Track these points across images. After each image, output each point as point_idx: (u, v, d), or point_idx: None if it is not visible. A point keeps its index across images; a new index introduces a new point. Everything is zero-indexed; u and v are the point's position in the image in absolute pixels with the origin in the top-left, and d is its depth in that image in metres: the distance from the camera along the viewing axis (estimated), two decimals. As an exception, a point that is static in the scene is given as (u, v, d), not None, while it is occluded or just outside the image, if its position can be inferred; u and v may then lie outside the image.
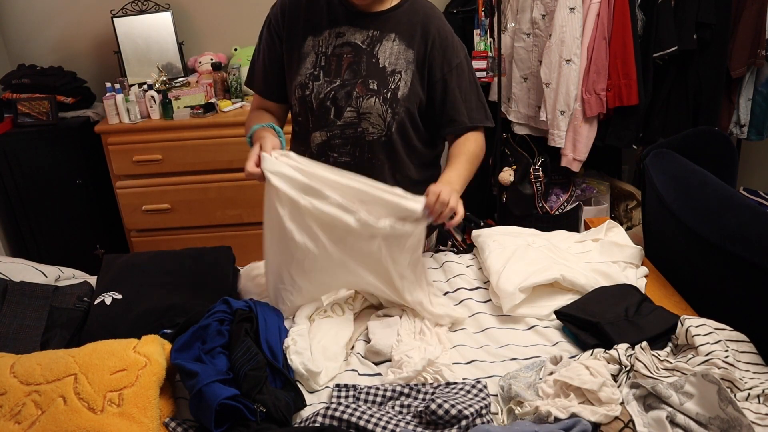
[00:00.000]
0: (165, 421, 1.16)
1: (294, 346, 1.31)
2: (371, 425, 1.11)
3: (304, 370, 1.26)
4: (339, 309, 1.47)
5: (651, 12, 2.57)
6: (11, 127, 2.93)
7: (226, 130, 2.85)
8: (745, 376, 1.22)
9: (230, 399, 1.11)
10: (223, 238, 2.95)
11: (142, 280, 1.51)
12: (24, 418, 1.09)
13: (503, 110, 2.95)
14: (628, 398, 1.15)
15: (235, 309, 1.32)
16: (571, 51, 2.56)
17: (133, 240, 3.04)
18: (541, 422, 1.10)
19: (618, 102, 2.61)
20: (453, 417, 1.10)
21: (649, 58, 2.61)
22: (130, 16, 3.06)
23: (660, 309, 1.42)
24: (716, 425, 1.06)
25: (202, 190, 2.92)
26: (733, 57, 2.67)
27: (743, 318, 1.36)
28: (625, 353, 1.22)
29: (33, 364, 1.16)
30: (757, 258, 1.30)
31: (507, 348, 1.39)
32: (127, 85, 2.95)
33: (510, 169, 2.91)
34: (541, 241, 1.69)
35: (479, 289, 1.60)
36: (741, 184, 3.16)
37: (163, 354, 1.21)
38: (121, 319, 1.40)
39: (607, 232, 1.76)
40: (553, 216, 2.87)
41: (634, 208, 3.04)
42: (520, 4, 2.74)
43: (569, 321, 1.41)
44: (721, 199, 1.46)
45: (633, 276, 1.60)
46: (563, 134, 2.70)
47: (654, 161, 1.71)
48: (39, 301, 1.44)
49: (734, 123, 2.82)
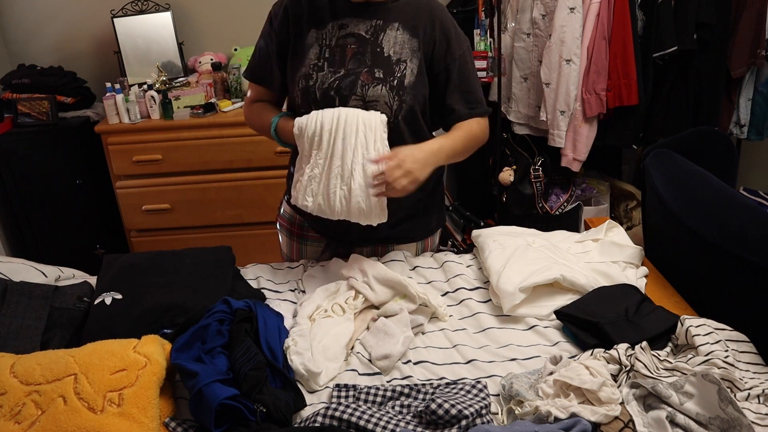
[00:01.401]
0: (165, 421, 1.16)
1: (294, 347, 1.31)
2: (371, 425, 1.11)
3: (305, 371, 1.26)
4: (339, 309, 1.47)
5: (651, 12, 2.57)
6: (11, 127, 2.93)
7: (226, 130, 2.85)
8: (745, 376, 1.22)
9: (230, 399, 1.11)
10: (223, 238, 2.95)
11: (142, 280, 1.51)
12: (24, 418, 1.09)
13: (503, 110, 2.95)
14: (628, 398, 1.15)
15: (235, 309, 1.32)
16: (571, 51, 2.56)
17: (133, 240, 3.04)
18: (541, 422, 1.10)
19: (618, 102, 2.61)
20: (453, 417, 1.10)
21: (649, 58, 2.61)
22: (130, 16, 3.07)
23: (660, 309, 1.42)
24: (716, 425, 1.06)
25: (202, 190, 2.92)
26: (733, 57, 2.67)
27: (743, 318, 1.36)
28: (625, 353, 1.22)
29: (33, 364, 1.16)
30: (757, 258, 1.30)
31: (507, 348, 1.39)
32: (127, 85, 2.95)
33: (510, 169, 2.91)
34: (541, 241, 1.69)
35: (479, 289, 1.60)
36: (741, 184, 3.16)
37: (163, 354, 1.21)
38: (121, 319, 1.40)
39: (607, 232, 1.76)
40: (553, 216, 2.87)
41: (634, 208, 3.04)
42: (520, 4, 2.74)
43: (569, 321, 1.41)
44: (721, 199, 1.46)
45: (633, 276, 1.60)
46: (563, 134, 2.70)
47: (654, 161, 1.71)
48: (39, 301, 1.44)
49: (734, 123, 2.82)
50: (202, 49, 3.20)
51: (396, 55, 1.51)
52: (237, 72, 3.01)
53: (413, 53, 1.52)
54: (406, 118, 1.53)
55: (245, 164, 2.89)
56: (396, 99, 1.50)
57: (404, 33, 1.52)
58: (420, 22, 1.53)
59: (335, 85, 1.51)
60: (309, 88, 1.52)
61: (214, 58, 3.08)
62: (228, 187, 2.91)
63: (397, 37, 1.52)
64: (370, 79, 1.50)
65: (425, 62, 1.53)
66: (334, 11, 1.54)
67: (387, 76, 1.50)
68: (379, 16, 1.53)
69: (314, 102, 1.53)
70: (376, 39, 1.51)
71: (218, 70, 3.04)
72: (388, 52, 1.51)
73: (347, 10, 1.53)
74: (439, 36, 1.54)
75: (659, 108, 2.73)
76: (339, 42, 1.52)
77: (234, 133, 2.84)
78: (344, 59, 1.52)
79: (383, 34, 1.52)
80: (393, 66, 1.51)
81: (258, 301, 1.42)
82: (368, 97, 1.50)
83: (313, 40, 1.54)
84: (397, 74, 1.51)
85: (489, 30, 2.86)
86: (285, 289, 1.62)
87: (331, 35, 1.53)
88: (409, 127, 1.55)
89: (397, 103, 1.51)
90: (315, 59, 1.53)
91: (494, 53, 2.83)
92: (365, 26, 1.52)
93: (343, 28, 1.53)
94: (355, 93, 1.50)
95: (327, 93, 1.51)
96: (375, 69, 1.50)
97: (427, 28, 1.53)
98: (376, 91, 1.49)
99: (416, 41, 1.52)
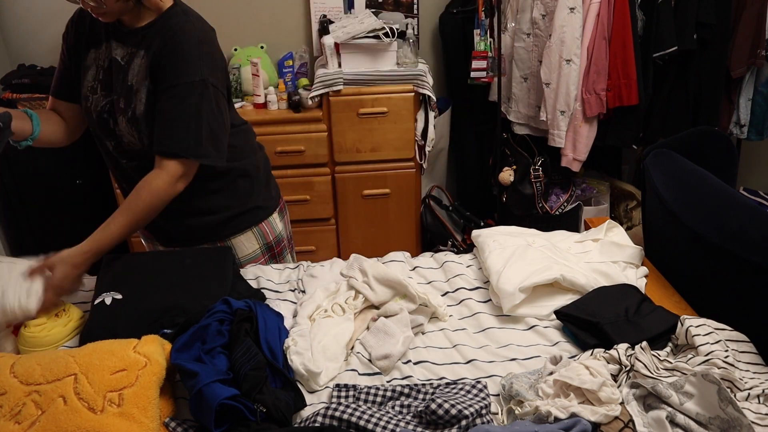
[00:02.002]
0: (165, 421, 1.16)
1: (294, 347, 1.31)
2: (371, 425, 1.11)
3: (305, 371, 1.26)
4: (339, 309, 1.47)
5: (651, 12, 2.57)
6: (11, 127, 2.93)
7: (226, 130, 2.84)
8: (745, 376, 1.22)
9: (230, 399, 1.11)
10: (223, 238, 2.94)
11: (142, 280, 1.51)
12: (24, 418, 1.09)
13: (503, 110, 2.95)
14: (628, 398, 1.15)
15: (235, 309, 1.32)
16: (571, 51, 2.56)
17: (133, 240, 3.03)
18: (541, 422, 1.10)
19: (618, 102, 2.62)
20: (453, 417, 1.10)
21: (649, 58, 2.61)
22: (130, 16, 3.06)
23: (660, 309, 1.42)
24: (716, 425, 1.06)
25: (202, 190, 2.91)
26: (733, 57, 2.67)
27: (743, 318, 1.36)
28: (625, 353, 1.22)
29: (33, 364, 1.16)
30: (757, 258, 1.30)
31: (507, 348, 1.39)
32: (127, 85, 2.95)
33: (510, 169, 2.91)
34: (541, 241, 1.69)
35: (479, 289, 1.60)
36: (741, 184, 3.17)
37: (163, 354, 1.21)
38: (121, 319, 1.39)
39: (607, 232, 1.76)
40: (553, 216, 2.87)
41: (634, 208, 3.04)
42: (520, 4, 2.74)
43: (569, 321, 1.41)
44: (721, 199, 1.46)
45: (633, 276, 1.60)
46: (563, 134, 2.70)
47: (654, 161, 1.71)
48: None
49: (734, 123, 2.82)
50: (202, 49, 3.20)
51: (136, 84, 1.47)
52: (237, 72, 3.01)
53: (144, 80, 1.46)
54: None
55: (245, 164, 2.88)
56: (134, 130, 1.49)
57: (145, 59, 1.46)
58: (155, 47, 1.45)
59: (107, 108, 1.52)
60: (88, 108, 1.55)
61: (214, 58, 3.08)
62: (228, 187, 2.91)
63: (142, 65, 1.46)
64: (118, 109, 1.50)
65: (152, 91, 1.46)
66: (107, 32, 1.53)
67: (126, 107, 1.48)
68: (133, 42, 1.49)
69: (94, 124, 1.57)
70: (129, 66, 1.48)
71: (218, 70, 3.04)
72: (131, 81, 1.47)
73: (114, 32, 1.52)
74: (164, 59, 1.43)
75: (659, 108, 2.73)
76: (108, 65, 1.52)
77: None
78: (110, 84, 1.52)
79: (133, 62, 1.48)
80: (132, 95, 1.47)
81: (258, 301, 1.42)
82: (119, 130, 1.51)
83: (92, 61, 1.54)
84: (132, 105, 1.48)
85: (489, 30, 2.86)
86: (285, 289, 1.62)
87: (105, 56, 1.52)
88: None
89: (136, 133, 1.49)
90: (92, 80, 1.54)
91: (494, 53, 2.83)
92: (123, 52, 1.50)
93: (112, 50, 1.51)
94: (121, 116, 1.51)
95: (101, 116, 1.54)
96: (121, 98, 1.49)
97: (156, 51, 1.44)
98: (121, 123, 1.50)
99: (147, 64, 1.46)
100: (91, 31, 1.54)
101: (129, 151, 1.57)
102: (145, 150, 1.52)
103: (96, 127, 1.58)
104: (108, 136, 1.58)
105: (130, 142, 1.54)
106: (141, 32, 1.49)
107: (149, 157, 1.50)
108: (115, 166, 1.66)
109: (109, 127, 1.54)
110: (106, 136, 1.58)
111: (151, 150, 1.49)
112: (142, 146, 1.51)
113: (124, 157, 1.60)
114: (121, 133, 1.53)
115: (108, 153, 1.63)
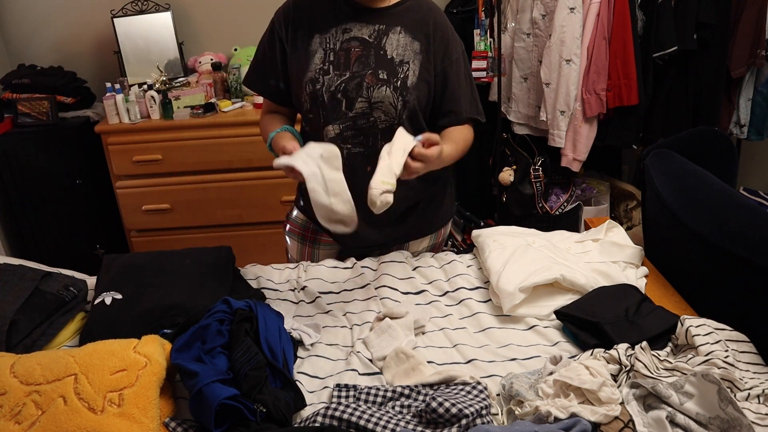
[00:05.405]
0: (165, 421, 1.16)
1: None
2: (371, 425, 1.11)
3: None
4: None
5: (651, 12, 2.57)
6: (11, 127, 2.93)
7: (226, 130, 2.85)
8: (745, 376, 1.22)
9: (230, 399, 1.11)
10: (223, 238, 2.95)
11: (142, 280, 1.51)
12: (24, 418, 1.09)
13: (503, 110, 2.95)
14: (628, 398, 1.15)
15: (235, 309, 1.32)
16: (571, 51, 2.57)
17: (133, 240, 3.04)
18: (541, 422, 1.10)
19: (618, 102, 2.62)
20: (453, 416, 1.10)
21: (649, 58, 2.61)
22: (130, 16, 3.07)
23: (660, 309, 1.42)
24: (716, 425, 1.06)
25: (202, 190, 2.92)
26: (733, 57, 2.67)
27: (743, 318, 1.36)
28: (625, 353, 1.22)
29: (33, 364, 1.16)
30: (757, 258, 1.30)
31: (507, 348, 1.39)
32: (127, 85, 2.95)
33: (510, 169, 2.91)
34: (541, 241, 1.69)
35: (479, 289, 1.60)
36: (741, 184, 3.17)
37: (163, 354, 1.21)
38: (121, 319, 1.40)
39: (607, 232, 1.76)
40: (553, 216, 2.87)
41: (634, 208, 3.04)
42: (520, 4, 2.74)
43: (569, 321, 1.41)
44: (721, 199, 1.46)
45: (633, 276, 1.60)
46: (563, 134, 2.70)
47: (654, 161, 1.71)
48: (27, 282, 1.46)
49: (734, 123, 2.82)
50: (202, 49, 3.20)
51: (399, 57, 1.55)
52: (237, 72, 3.01)
53: (415, 55, 1.55)
54: (410, 117, 1.56)
55: (245, 164, 2.89)
56: (400, 99, 1.54)
57: (406, 36, 1.56)
58: (420, 25, 1.57)
59: (341, 87, 1.54)
60: (316, 92, 1.55)
61: (214, 58, 3.08)
62: (228, 187, 2.91)
63: (400, 40, 1.55)
64: (375, 80, 1.53)
65: (427, 64, 1.56)
66: (337, 17, 1.57)
67: (391, 78, 1.53)
68: (382, 20, 1.56)
69: (322, 105, 1.56)
70: (380, 42, 1.55)
71: (218, 70, 3.04)
72: (392, 55, 1.55)
73: (350, 15, 1.56)
74: (438, 39, 1.57)
75: (659, 108, 2.73)
76: (343, 46, 1.55)
77: (234, 133, 2.84)
78: (349, 62, 1.54)
79: (386, 37, 1.55)
80: (396, 67, 1.54)
81: (258, 301, 1.42)
82: (374, 98, 1.53)
83: (318, 45, 1.56)
84: (400, 75, 1.54)
85: (489, 30, 2.86)
86: (285, 289, 1.62)
87: (335, 39, 1.56)
88: (412, 126, 1.56)
89: (401, 103, 1.54)
90: (320, 63, 1.55)
91: (494, 53, 2.83)
92: (368, 30, 1.56)
93: (347, 32, 1.56)
94: (361, 95, 1.53)
95: (334, 96, 1.55)
96: (379, 71, 1.54)
97: (427, 31, 1.57)
98: (381, 92, 1.53)
99: (418, 44, 1.55)
100: (313, 19, 1.58)
101: (359, 129, 1.56)
102: (389, 125, 1.53)
103: (324, 110, 1.56)
104: (337, 118, 1.56)
105: (377, 118, 1.54)
106: (388, 11, 1.57)
107: (380, 137, 1.55)
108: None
109: (340, 108, 1.55)
110: (334, 119, 1.56)
111: (450, 119, 1.62)
112: (396, 119, 1.54)
113: (347, 141, 1.57)
114: (359, 111, 1.54)
115: (330, 139, 1.58)
